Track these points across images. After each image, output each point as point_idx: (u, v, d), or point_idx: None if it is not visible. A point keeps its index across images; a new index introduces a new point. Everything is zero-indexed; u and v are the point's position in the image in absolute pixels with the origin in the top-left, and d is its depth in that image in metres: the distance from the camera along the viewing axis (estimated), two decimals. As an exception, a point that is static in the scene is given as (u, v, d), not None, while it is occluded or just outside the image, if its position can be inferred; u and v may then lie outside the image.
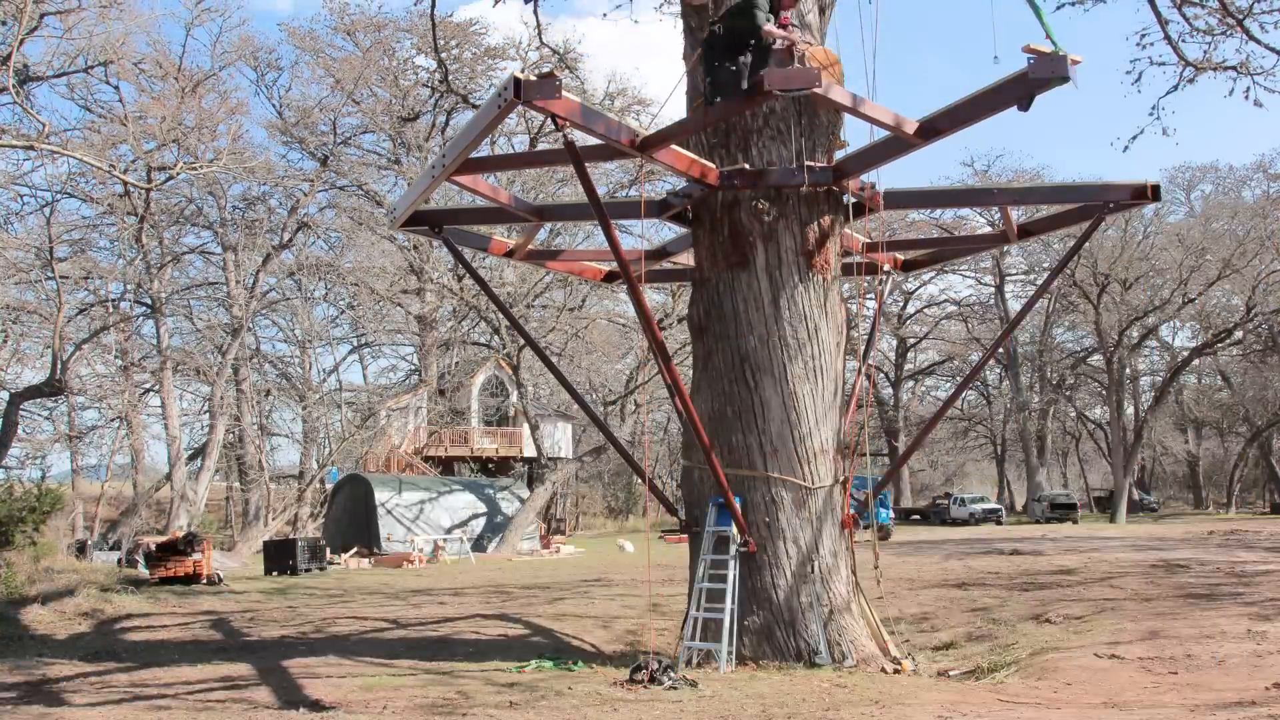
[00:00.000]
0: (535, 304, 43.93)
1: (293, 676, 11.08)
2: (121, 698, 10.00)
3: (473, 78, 46.47)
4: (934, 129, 10.46)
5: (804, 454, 11.38)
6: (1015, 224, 14.00)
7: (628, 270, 10.89)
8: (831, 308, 11.85)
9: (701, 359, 12.16)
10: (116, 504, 44.44)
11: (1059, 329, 67.76)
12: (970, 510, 56.76)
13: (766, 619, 11.07)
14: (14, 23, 24.24)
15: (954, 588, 19.62)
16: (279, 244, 42.41)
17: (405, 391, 53.83)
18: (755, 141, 11.72)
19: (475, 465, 53.63)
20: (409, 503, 36.88)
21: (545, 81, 9.24)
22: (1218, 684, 9.18)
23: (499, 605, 19.10)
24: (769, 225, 11.60)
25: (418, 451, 50.19)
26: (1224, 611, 13.81)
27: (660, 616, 16.43)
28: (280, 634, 15.47)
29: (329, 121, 44.13)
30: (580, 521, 66.19)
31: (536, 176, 38.51)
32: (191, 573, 23.73)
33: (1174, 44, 17.91)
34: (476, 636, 14.91)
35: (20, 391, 27.17)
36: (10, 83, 24.14)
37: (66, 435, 39.73)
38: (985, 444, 75.46)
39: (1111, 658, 10.85)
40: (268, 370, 52.11)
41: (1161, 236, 55.85)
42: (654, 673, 9.97)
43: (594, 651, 13.05)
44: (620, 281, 15.70)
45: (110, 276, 38.79)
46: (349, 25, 46.31)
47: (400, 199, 13.47)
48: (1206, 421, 69.25)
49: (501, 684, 10.16)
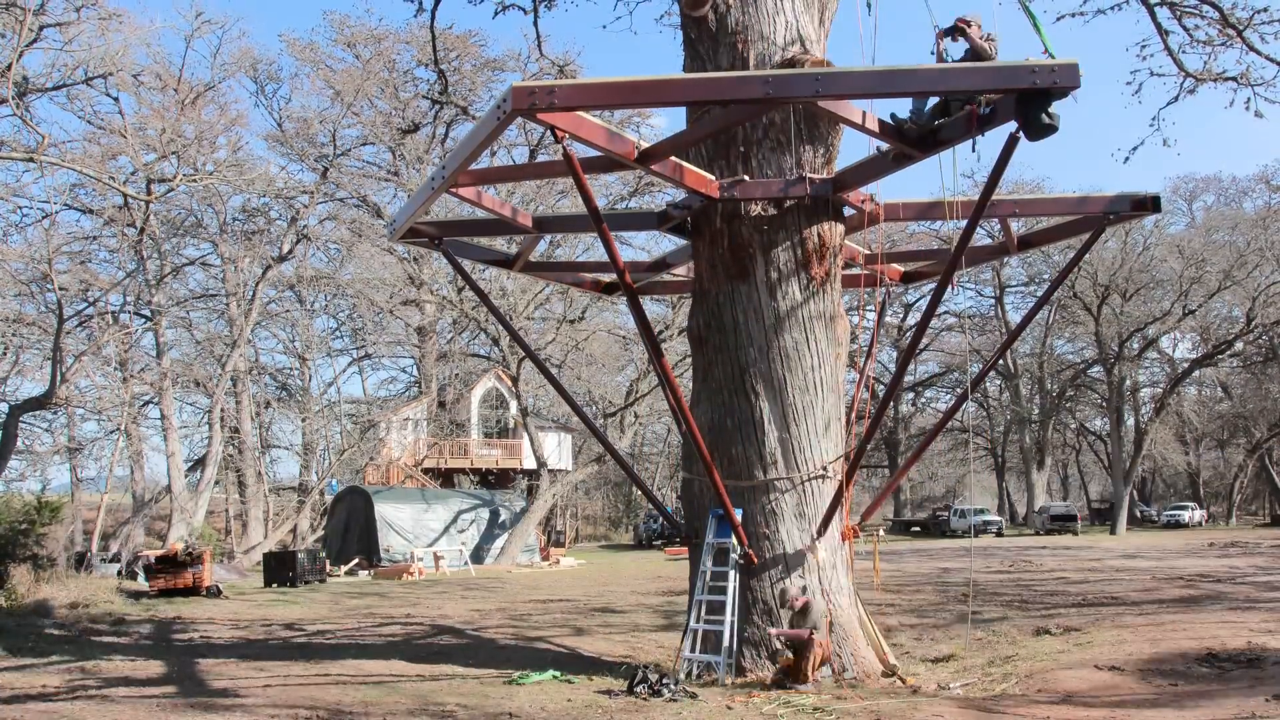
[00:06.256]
0: (535, 315, 43.92)
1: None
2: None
3: (472, 89, 46.59)
4: (934, 142, 10.47)
5: (804, 465, 11.36)
6: (1015, 235, 14.00)
7: (627, 282, 10.88)
8: (831, 319, 11.83)
9: (701, 370, 12.15)
10: (116, 516, 44.36)
11: (1059, 340, 67.73)
12: (970, 522, 56.69)
13: (766, 631, 11.04)
14: (14, 35, 24.29)
15: (953, 599, 19.58)
16: (279, 255, 42.41)
17: (405, 403, 53.82)
18: (755, 153, 11.72)
19: (475, 477, 53.57)
20: (408, 514, 36.81)
21: (544, 93, 9.24)
22: (1218, 696, 9.14)
23: (499, 619, 19.07)
24: (769, 237, 11.60)
25: (417, 463, 50.12)
26: (1224, 623, 13.78)
27: (661, 629, 16.42)
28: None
29: (329, 133, 44.18)
30: (580, 533, 66.12)
31: (536, 188, 38.53)
32: (191, 585, 23.71)
33: (1174, 55, 17.98)
34: (477, 643, 14.88)
35: (19, 404, 27.16)
36: (10, 94, 24.19)
37: (66, 447, 39.72)
38: (985, 455, 75.37)
39: (1111, 669, 10.81)
40: (267, 382, 52.11)
41: (1162, 248, 55.89)
42: (654, 685, 9.93)
43: (595, 662, 12.99)
44: (620, 293, 15.70)
45: (110, 288, 38.77)
46: (349, 37, 46.47)
47: (400, 211, 13.46)
48: (1207, 433, 69.17)
49: (501, 695, 10.13)
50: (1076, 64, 8.91)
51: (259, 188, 40.34)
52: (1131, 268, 55.22)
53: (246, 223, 45.44)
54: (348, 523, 37.68)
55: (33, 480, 37.47)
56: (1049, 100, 9.12)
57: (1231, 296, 55.05)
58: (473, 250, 14.81)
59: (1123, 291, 56.05)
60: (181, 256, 44.88)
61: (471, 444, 53.17)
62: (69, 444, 40.13)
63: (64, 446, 39.47)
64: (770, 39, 11.87)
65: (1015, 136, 9.41)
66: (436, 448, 51.23)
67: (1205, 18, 18.00)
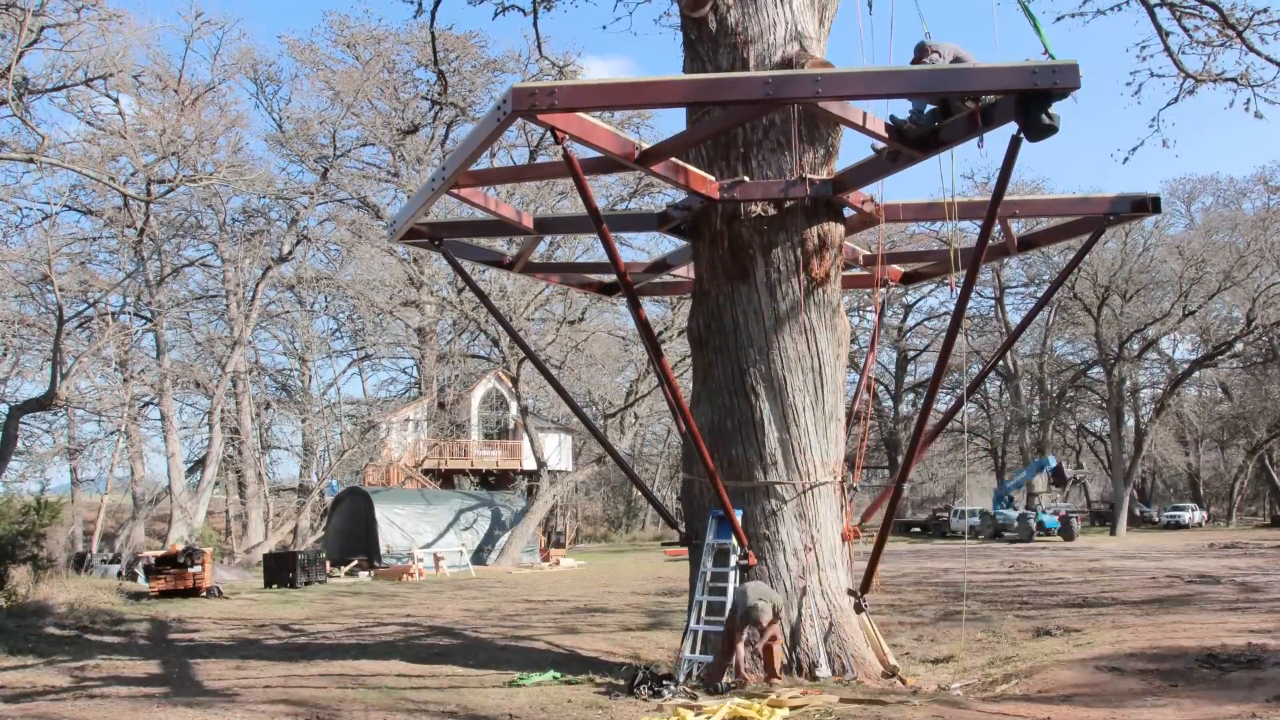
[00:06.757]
0: (535, 316, 43.91)
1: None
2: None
3: (472, 90, 46.58)
4: (935, 143, 10.47)
5: (804, 466, 11.36)
6: (1015, 236, 14.00)
7: (627, 283, 10.88)
8: (832, 320, 11.83)
9: (701, 371, 12.14)
10: (116, 517, 44.34)
11: (1059, 341, 67.71)
12: (970, 523, 56.63)
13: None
14: (14, 35, 24.29)
15: (953, 600, 19.58)
16: (279, 256, 42.41)
17: (405, 404, 53.80)
18: (755, 154, 11.71)
19: (475, 478, 53.54)
20: (409, 515, 36.79)
21: (545, 94, 9.24)
22: (1219, 697, 9.14)
23: (498, 620, 19.07)
24: (769, 238, 11.59)
25: (418, 464, 50.10)
26: (1225, 624, 13.78)
27: (661, 629, 16.42)
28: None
29: (329, 134, 44.17)
30: (580, 533, 66.11)
31: (536, 189, 38.53)
32: (191, 586, 23.72)
33: (1174, 56, 17.97)
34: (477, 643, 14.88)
35: (20, 405, 27.15)
36: (10, 95, 24.19)
37: (66, 448, 39.70)
38: (985, 456, 75.32)
39: (1111, 670, 10.80)
40: (267, 383, 52.10)
41: (1162, 249, 55.88)
42: (654, 685, 9.94)
43: (595, 663, 12.99)
44: (620, 294, 15.70)
45: (110, 289, 38.77)
46: (349, 38, 46.46)
47: (400, 212, 13.46)
48: (1207, 434, 69.15)
49: (502, 696, 10.13)
50: (1076, 64, 8.91)
51: (259, 189, 40.36)
52: (1131, 269, 55.22)
53: (246, 224, 45.46)
54: (348, 524, 37.66)
55: (33, 481, 37.52)
56: (1049, 101, 9.11)
57: (1231, 297, 55.02)
58: (472, 251, 14.82)
59: (1123, 292, 56.04)
60: (181, 257, 44.92)
61: (472, 445, 53.13)
62: (69, 445, 40.11)
63: (64, 447, 39.45)
64: (770, 40, 11.86)
65: (1018, 138, 9.40)
66: (436, 449, 51.21)
67: (1205, 18, 18.00)
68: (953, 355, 11.07)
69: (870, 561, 11.76)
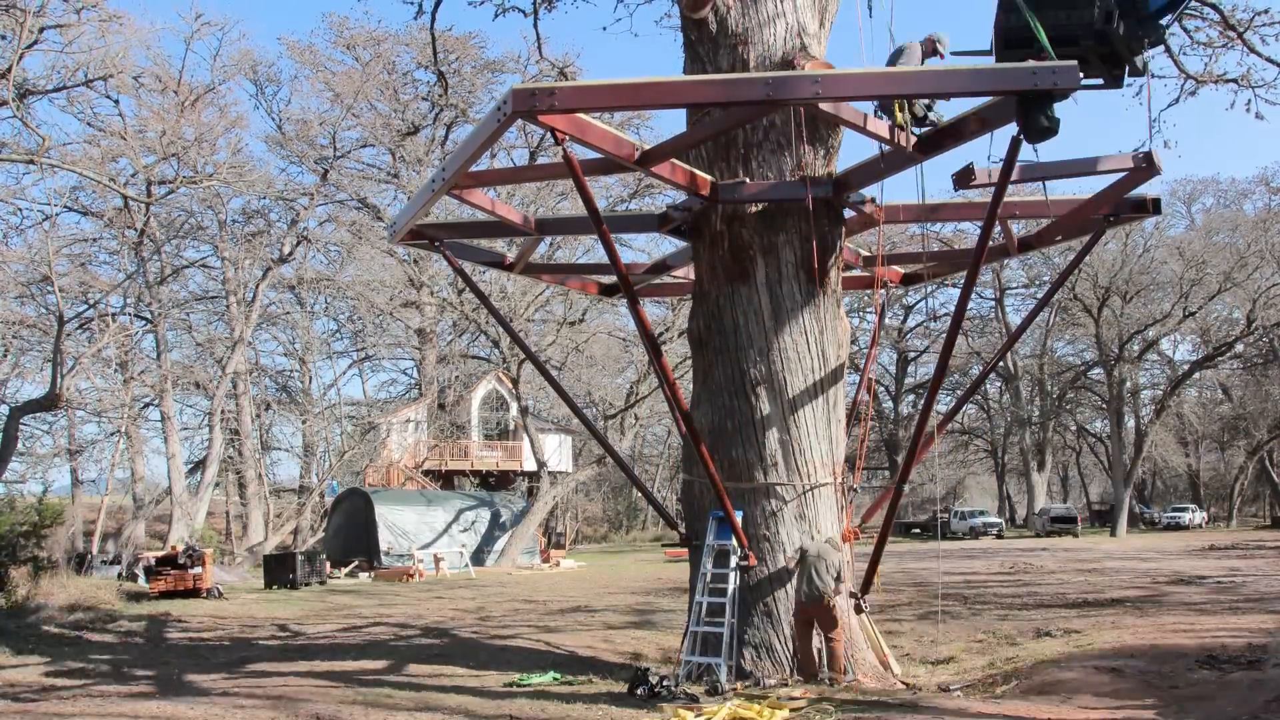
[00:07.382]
0: (535, 317, 43.87)
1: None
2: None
3: (472, 91, 46.57)
4: (935, 143, 10.47)
5: (804, 467, 11.35)
6: (1015, 237, 13.99)
7: (628, 283, 10.88)
8: (832, 321, 11.82)
9: (702, 373, 12.14)
10: (117, 517, 44.31)
11: (1059, 342, 67.68)
12: (970, 524, 56.61)
13: (767, 633, 11.03)
14: (14, 36, 24.30)
15: (954, 601, 19.58)
16: (279, 257, 42.38)
17: (405, 405, 53.76)
18: (755, 155, 11.70)
19: (475, 479, 53.50)
20: (409, 516, 36.76)
21: (545, 95, 9.24)
22: (1218, 698, 9.13)
23: (499, 621, 19.06)
24: (769, 239, 11.58)
25: (418, 465, 50.06)
26: (1225, 625, 13.77)
27: (662, 630, 16.41)
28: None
29: (328, 135, 44.13)
30: (580, 534, 66.08)
31: (536, 190, 38.49)
32: (191, 586, 23.71)
33: (1174, 56, 17.96)
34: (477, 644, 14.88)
35: (20, 406, 27.14)
36: (10, 96, 24.20)
37: (66, 449, 39.67)
38: (985, 457, 75.30)
39: (1112, 671, 10.80)
40: (268, 384, 52.07)
41: (1162, 250, 55.85)
42: (654, 687, 9.94)
43: (596, 664, 12.99)
44: (620, 295, 15.70)
45: (110, 290, 38.73)
46: (349, 39, 46.43)
47: (400, 213, 13.47)
48: (1207, 434, 69.11)
49: (502, 697, 10.13)
50: (1076, 65, 8.91)
51: (259, 190, 40.33)
52: (1132, 270, 55.21)
53: (246, 225, 45.37)
54: (348, 524, 37.64)
55: (33, 482, 37.40)
56: (1049, 102, 9.11)
57: (1232, 298, 55.00)
58: (473, 252, 14.82)
59: (1123, 293, 56.02)
60: (182, 258, 44.85)
61: (472, 446, 53.07)
62: (69, 446, 40.07)
63: (64, 448, 39.40)
64: (770, 41, 11.85)
65: (1018, 139, 9.39)
66: (437, 449, 51.15)
67: (1206, 19, 17.99)
68: (953, 356, 11.08)
69: (870, 562, 11.78)
